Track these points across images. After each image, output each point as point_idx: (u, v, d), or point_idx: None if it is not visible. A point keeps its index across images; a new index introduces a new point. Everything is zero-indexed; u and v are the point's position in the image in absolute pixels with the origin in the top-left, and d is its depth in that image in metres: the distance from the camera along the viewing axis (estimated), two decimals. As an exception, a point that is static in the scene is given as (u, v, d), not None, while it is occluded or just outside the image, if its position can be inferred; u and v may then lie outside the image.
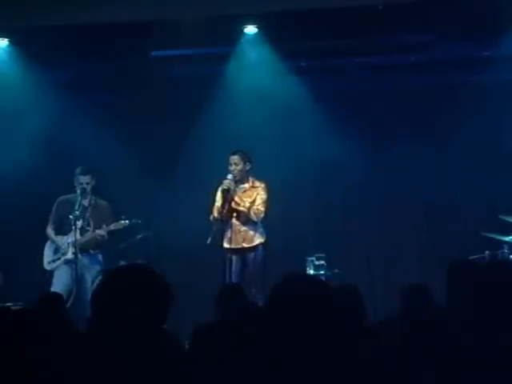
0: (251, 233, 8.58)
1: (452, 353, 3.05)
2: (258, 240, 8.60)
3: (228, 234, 8.48)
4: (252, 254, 8.55)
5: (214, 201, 8.66)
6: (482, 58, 9.46)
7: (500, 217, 8.72)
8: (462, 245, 9.51)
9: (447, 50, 9.50)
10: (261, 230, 8.64)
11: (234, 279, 8.32)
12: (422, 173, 9.96)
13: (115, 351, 2.83)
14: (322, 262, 9.00)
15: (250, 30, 9.22)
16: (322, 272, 8.90)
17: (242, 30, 9.24)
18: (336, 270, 8.96)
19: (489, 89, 9.52)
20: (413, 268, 9.69)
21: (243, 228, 8.56)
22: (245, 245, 8.56)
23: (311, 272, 8.83)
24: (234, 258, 8.51)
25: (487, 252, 8.54)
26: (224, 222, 8.44)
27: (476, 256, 8.27)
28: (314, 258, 9.04)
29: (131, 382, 2.78)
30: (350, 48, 9.47)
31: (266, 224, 8.71)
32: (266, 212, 8.61)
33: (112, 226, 8.80)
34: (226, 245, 8.47)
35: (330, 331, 2.78)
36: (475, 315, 3.02)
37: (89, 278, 8.68)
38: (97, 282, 7.68)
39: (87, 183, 8.81)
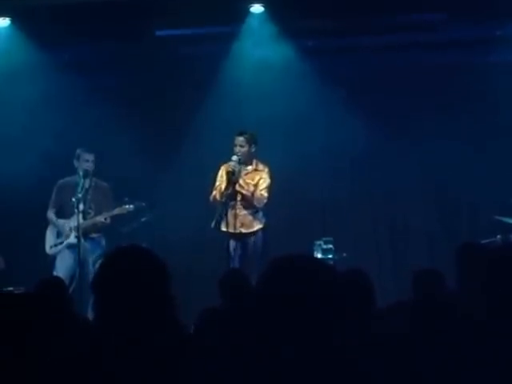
0: (250, 218, 8.40)
1: (464, 337, 2.97)
2: (257, 226, 8.42)
3: (226, 217, 8.17)
4: (251, 240, 8.38)
5: (214, 182, 8.48)
6: (494, 37, 9.30)
7: (512, 201, 8.59)
8: (473, 229, 9.40)
9: (457, 29, 9.35)
10: (260, 215, 8.46)
11: (234, 265, 8.14)
12: (432, 156, 9.79)
13: (119, 335, 2.79)
14: (330, 246, 8.87)
15: (257, 8, 9.16)
16: (329, 256, 8.78)
17: (248, 9, 9.16)
18: (344, 254, 8.84)
19: (500, 70, 9.34)
20: (423, 252, 9.61)
21: (243, 212, 8.35)
22: (243, 230, 8.36)
23: (319, 256, 8.69)
24: (233, 242, 8.31)
25: (499, 236, 8.43)
26: (224, 204, 8.21)
27: (488, 240, 8.15)
28: (321, 242, 8.90)
29: (135, 366, 2.73)
30: (358, 27, 9.40)
31: (271, 208, 8.55)
32: (269, 198, 8.43)
33: (116, 211, 8.64)
34: (223, 228, 8.23)
35: (337, 316, 2.63)
36: (487, 298, 2.95)
37: (91, 262, 8.55)
38: (97, 265, 7.55)
39: (92, 161, 8.66)
